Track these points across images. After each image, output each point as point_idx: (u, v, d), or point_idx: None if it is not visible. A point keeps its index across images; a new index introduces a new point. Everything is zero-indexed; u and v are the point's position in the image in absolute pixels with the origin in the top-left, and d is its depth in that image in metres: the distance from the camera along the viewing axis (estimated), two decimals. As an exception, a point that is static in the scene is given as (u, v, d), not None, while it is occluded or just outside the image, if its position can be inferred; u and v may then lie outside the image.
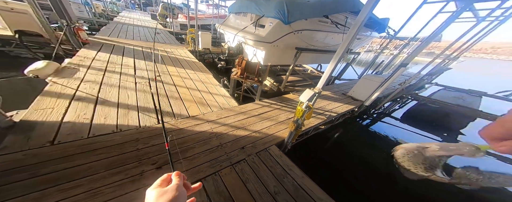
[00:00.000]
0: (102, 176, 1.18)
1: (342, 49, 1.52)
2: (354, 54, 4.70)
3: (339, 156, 3.23)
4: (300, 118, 1.68)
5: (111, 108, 1.85)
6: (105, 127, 1.61)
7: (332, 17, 3.50)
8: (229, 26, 4.77)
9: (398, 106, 5.82)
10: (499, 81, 15.92)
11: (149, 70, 2.98)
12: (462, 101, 4.72)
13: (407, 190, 2.37)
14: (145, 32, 6.70)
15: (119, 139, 1.51)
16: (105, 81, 2.32)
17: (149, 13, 15.82)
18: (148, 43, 5.04)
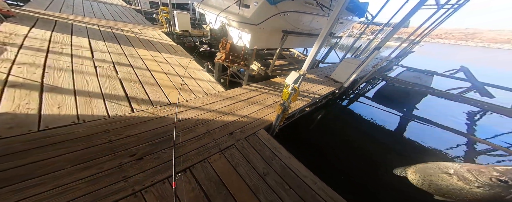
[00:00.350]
0: (69, 171, 1.00)
1: (325, 31, 1.52)
2: (337, 38, 4.86)
3: (322, 136, 3.55)
4: (286, 101, 1.69)
5: (66, 96, 1.52)
6: (61, 118, 1.32)
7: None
8: (209, 5, 4.22)
9: (371, 86, 6.48)
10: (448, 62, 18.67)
11: (113, 53, 2.49)
12: (419, 79, 5.55)
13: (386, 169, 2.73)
14: (102, 9, 5.41)
15: (84, 131, 1.28)
16: (50, 64, 1.84)
17: None
18: (107, 21, 4.13)
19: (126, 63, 2.32)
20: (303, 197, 1.20)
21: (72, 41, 2.47)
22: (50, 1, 4.57)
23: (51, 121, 1.27)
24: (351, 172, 2.54)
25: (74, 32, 2.85)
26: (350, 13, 4.55)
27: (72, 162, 1.06)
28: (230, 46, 2.53)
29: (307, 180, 1.34)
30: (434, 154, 3.33)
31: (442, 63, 17.27)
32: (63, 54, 2.08)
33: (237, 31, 3.66)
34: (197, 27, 6.28)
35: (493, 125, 4.94)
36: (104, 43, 2.72)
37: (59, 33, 2.61)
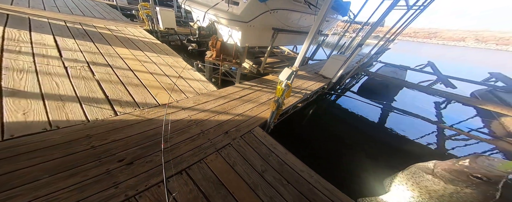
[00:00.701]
0: (47, 182, 0.89)
1: (314, 29, 1.61)
2: (324, 36, 5.13)
3: (313, 130, 3.74)
4: (280, 97, 1.74)
5: (32, 100, 1.33)
6: (29, 125, 1.16)
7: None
8: (196, 2, 4.07)
9: (355, 81, 7.05)
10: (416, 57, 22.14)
11: (86, 52, 2.24)
12: (396, 74, 6.24)
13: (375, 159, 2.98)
14: (67, 2, 4.80)
15: (60, 138, 1.14)
16: (6, 64, 1.58)
17: None
18: (76, 17, 3.69)
19: (104, 63, 2.12)
20: (301, 191, 1.25)
21: (32, 38, 2.15)
22: None
23: (17, 129, 1.11)
24: (341, 163, 2.73)
25: (33, 28, 2.48)
26: (334, 12, 4.84)
27: (51, 171, 0.94)
28: (220, 44, 2.49)
29: (303, 174, 1.40)
30: (410, 142, 3.78)
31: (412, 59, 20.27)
32: (22, 53, 1.80)
33: (227, 29, 3.61)
34: (183, 24, 5.99)
35: (456, 112, 5.80)
36: (74, 41, 2.43)
37: (14, 29, 2.24)
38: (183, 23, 6.12)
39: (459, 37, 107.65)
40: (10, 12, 2.84)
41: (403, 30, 4.77)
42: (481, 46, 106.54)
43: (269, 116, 1.97)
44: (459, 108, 5.97)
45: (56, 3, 4.39)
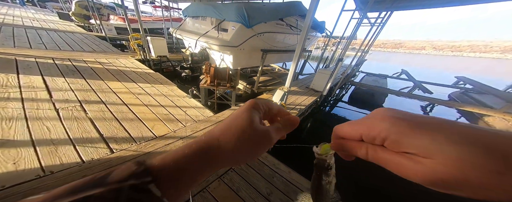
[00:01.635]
0: None
1: (299, 49, 1.93)
2: (308, 52, 5.79)
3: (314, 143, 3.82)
4: None
5: (21, 149, 1.29)
6: (20, 174, 1.13)
7: (286, 20, 4.18)
8: (187, 31, 4.54)
9: (344, 91, 7.68)
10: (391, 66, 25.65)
11: (78, 90, 2.29)
12: (377, 82, 7.01)
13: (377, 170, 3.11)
14: (54, 38, 4.99)
15: (54, 182, 1.12)
16: (-6, 114, 1.57)
17: (53, 11, 11.99)
18: (64, 53, 3.81)
19: (96, 100, 2.16)
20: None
21: (20, 82, 2.18)
22: None
23: (7, 180, 1.07)
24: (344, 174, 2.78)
25: (21, 70, 2.53)
26: (313, 30, 5.64)
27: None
28: (214, 70, 2.71)
29: (312, 193, 1.44)
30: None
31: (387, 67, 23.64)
32: (11, 100, 1.80)
33: (219, 53, 3.96)
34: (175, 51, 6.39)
35: (442, 114, 6.43)
36: (64, 80, 2.48)
37: (1, 74, 2.27)
38: (175, 50, 6.54)
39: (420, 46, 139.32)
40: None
41: (373, 43, 5.64)
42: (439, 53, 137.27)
43: None
44: (443, 110, 6.64)
45: (43, 40, 4.54)
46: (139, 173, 0.15)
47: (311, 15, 1.74)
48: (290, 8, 4.20)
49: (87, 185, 0.13)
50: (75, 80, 2.54)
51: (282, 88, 2.03)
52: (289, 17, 4.24)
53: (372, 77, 8.37)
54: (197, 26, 4.44)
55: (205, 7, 3.98)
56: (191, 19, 4.60)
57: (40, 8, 14.08)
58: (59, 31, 6.07)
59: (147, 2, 14.61)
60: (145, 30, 4.93)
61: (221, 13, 3.58)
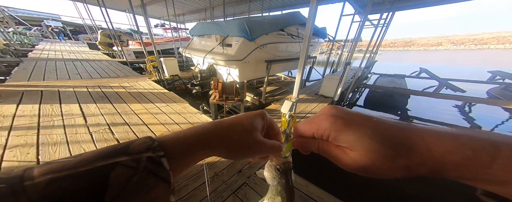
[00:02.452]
0: None
1: (303, 56, 1.95)
2: (313, 58, 5.83)
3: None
4: (287, 128, 1.89)
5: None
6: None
7: (286, 30, 4.36)
8: (195, 49, 4.98)
9: (358, 95, 7.33)
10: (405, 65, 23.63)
11: (106, 114, 2.64)
12: (394, 83, 6.52)
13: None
14: (86, 67, 5.88)
15: None
16: (43, 141, 1.89)
17: (84, 42, 14.09)
18: (95, 80, 4.45)
19: (121, 122, 2.46)
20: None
21: (63, 110, 2.61)
22: (31, 69, 4.86)
23: None
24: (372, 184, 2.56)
25: (62, 99, 3.03)
26: (315, 37, 5.72)
27: None
28: (221, 85, 2.91)
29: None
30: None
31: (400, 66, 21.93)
32: (55, 127, 2.17)
33: (225, 68, 4.23)
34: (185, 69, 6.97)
35: (485, 114, 5.59)
36: (96, 106, 2.90)
37: (47, 105, 2.76)
38: (185, 68, 7.13)
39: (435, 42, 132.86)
40: (43, 88, 3.52)
41: (380, 43, 5.48)
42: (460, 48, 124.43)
43: None
44: (485, 109, 5.81)
45: (78, 70, 5.38)
46: (154, 147, 0.18)
47: (311, 23, 1.80)
48: (289, 18, 4.40)
49: (113, 153, 0.16)
50: (104, 105, 2.94)
51: (290, 98, 2.07)
52: (289, 27, 4.42)
53: (387, 78, 7.88)
54: (204, 44, 4.86)
55: (209, 26, 4.38)
56: (198, 37, 5.03)
57: (74, 41, 16.77)
58: (90, 60, 7.14)
59: (159, 25, 16.54)
60: (158, 51, 5.54)
61: (224, 30, 3.89)
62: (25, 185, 0.12)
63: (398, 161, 0.15)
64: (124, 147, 0.17)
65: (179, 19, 11.36)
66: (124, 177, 0.15)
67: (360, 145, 0.16)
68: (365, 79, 7.51)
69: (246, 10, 8.06)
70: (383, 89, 5.73)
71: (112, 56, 9.27)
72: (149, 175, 0.16)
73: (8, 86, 3.47)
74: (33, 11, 20.82)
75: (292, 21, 4.45)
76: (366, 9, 3.18)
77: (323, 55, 10.36)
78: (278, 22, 4.16)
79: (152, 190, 0.16)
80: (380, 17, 4.19)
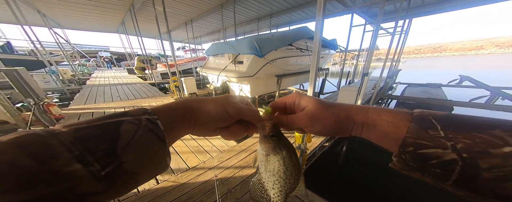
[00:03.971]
0: None
1: (313, 69, 1.99)
2: (325, 70, 5.83)
3: (356, 167, 3.35)
4: (301, 143, 1.89)
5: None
6: None
7: (295, 44, 4.63)
8: (210, 68, 5.63)
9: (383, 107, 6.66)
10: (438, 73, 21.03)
11: (137, 129, 3.15)
12: (429, 94, 5.75)
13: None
14: (124, 90, 7.12)
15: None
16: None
17: (124, 68, 16.93)
18: (131, 101, 5.37)
19: (149, 136, 2.88)
20: None
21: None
22: (87, 95, 6.18)
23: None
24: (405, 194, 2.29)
25: (106, 117, 3.76)
26: (325, 49, 5.83)
27: None
28: (234, 101, 3.17)
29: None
30: None
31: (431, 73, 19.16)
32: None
33: (237, 84, 4.61)
34: (202, 87, 7.78)
35: None
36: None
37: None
38: (202, 86, 7.97)
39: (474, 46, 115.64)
40: (94, 110, 4.45)
41: (402, 51, 5.19)
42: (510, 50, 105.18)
43: None
44: None
45: (119, 93, 6.58)
46: (150, 112, 0.22)
47: (318, 36, 1.87)
48: (297, 33, 4.72)
49: (117, 115, 0.20)
50: (136, 122, 3.51)
51: None
52: (297, 41, 4.70)
53: (418, 87, 6.96)
54: (218, 63, 5.45)
55: (222, 45, 4.93)
56: (213, 57, 5.65)
57: (117, 67, 20.58)
58: (128, 84, 8.66)
59: (180, 48, 19.30)
60: (180, 72, 6.41)
61: (236, 48, 4.31)
62: (57, 131, 0.16)
63: (329, 109, 0.26)
64: (124, 113, 0.21)
65: (196, 41, 13.17)
66: (131, 130, 0.19)
67: (311, 102, 0.27)
68: (390, 90, 6.91)
69: (255, 28, 8.91)
70: (415, 100, 5.12)
71: (144, 79, 10.71)
72: (149, 132, 0.20)
73: (70, 109, 4.50)
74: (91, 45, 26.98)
75: (299, 35, 4.75)
76: (377, 19, 3.23)
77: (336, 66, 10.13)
78: (286, 37, 4.50)
79: (153, 145, 0.20)
80: (396, 25, 4.14)
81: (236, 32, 6.80)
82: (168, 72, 5.91)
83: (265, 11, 6.97)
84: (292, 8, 6.21)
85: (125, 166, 0.18)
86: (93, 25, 10.65)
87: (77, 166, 0.16)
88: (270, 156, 0.29)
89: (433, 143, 0.18)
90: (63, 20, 9.15)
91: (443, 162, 0.18)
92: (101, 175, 0.17)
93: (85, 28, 11.71)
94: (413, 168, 0.21)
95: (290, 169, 0.29)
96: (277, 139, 0.28)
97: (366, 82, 3.46)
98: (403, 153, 0.21)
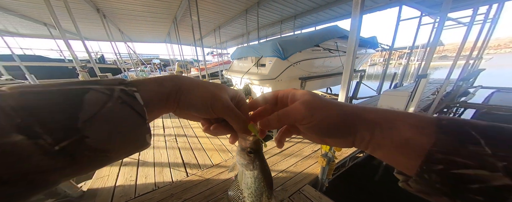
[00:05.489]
0: None
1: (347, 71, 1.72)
2: (360, 71, 5.16)
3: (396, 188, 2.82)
4: (329, 151, 1.78)
5: (149, 168, 2.37)
6: (146, 186, 2.03)
7: (322, 45, 4.36)
8: (234, 71, 6.03)
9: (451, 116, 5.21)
10: None
11: (175, 127, 3.78)
12: None
13: None
14: (165, 91, 8.64)
15: (158, 197, 1.86)
16: (142, 144, 3.04)
17: (168, 71, 20.29)
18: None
19: (183, 134, 3.41)
20: None
21: (154, 124, 4.04)
22: None
23: (141, 189, 1.98)
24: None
25: (153, 114, 4.69)
26: (362, 48, 5.16)
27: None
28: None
29: None
30: None
31: None
32: (148, 134, 3.41)
33: (259, 87, 4.76)
34: (227, 89, 8.51)
35: None
36: (170, 120, 4.22)
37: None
38: (227, 88, 8.68)
39: None
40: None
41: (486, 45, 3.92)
42: None
43: (320, 172, 1.94)
44: None
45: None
46: (127, 83, 0.19)
47: (355, 35, 1.66)
48: (325, 33, 4.43)
49: (84, 82, 0.17)
50: (174, 120, 4.21)
51: None
52: (326, 41, 4.40)
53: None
54: (241, 66, 5.76)
55: (246, 49, 5.17)
56: (237, 60, 6.00)
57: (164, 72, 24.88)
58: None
59: (209, 54, 21.50)
60: (209, 75, 7.14)
61: (258, 52, 4.46)
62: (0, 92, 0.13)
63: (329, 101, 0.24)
64: (94, 81, 0.18)
65: (222, 45, 14.32)
66: (98, 101, 0.16)
67: (308, 93, 0.25)
68: (464, 95, 5.35)
69: (278, 31, 8.88)
70: (508, 110, 3.81)
71: (182, 80, 12.91)
72: (123, 105, 0.17)
73: None
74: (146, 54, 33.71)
75: (328, 36, 4.45)
76: (443, 8, 2.64)
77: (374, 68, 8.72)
78: (312, 38, 4.31)
79: (127, 120, 0.17)
80: (474, 13, 3.20)
81: (259, 35, 7.00)
82: (199, 75, 6.70)
83: (289, 13, 6.88)
84: (318, 7, 5.90)
85: (88, 141, 0.16)
86: (149, 37, 13.59)
87: (18, 137, 0.13)
88: (244, 171, 0.29)
89: (476, 162, 0.14)
90: (132, 35, 12.06)
91: (490, 188, 0.14)
92: (54, 150, 0.14)
93: (145, 40, 15.14)
94: (440, 191, 0.16)
95: (260, 187, 0.29)
96: (254, 157, 0.28)
97: (423, 85, 2.80)
98: (427, 171, 0.16)
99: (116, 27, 9.34)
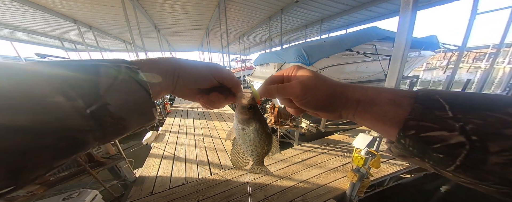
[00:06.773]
0: None
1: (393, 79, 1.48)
2: (412, 78, 4.37)
3: None
4: (362, 167, 1.60)
5: (181, 163, 2.75)
6: (178, 179, 2.37)
7: (356, 48, 3.97)
8: (256, 76, 6.20)
9: None
10: None
11: (203, 128, 4.24)
12: None
13: None
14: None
15: (186, 191, 2.13)
16: (178, 141, 3.56)
17: None
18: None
19: (208, 135, 3.79)
20: None
21: (187, 123, 4.68)
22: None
23: (174, 182, 2.32)
24: None
25: (188, 116, 5.41)
26: (414, 50, 4.41)
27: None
28: (277, 110, 3.35)
29: None
30: None
31: None
32: (182, 133, 3.97)
33: (281, 94, 4.74)
34: (249, 94, 8.90)
35: None
36: (199, 121, 4.77)
37: (183, 118, 5.11)
38: (249, 93, 9.05)
39: None
40: (183, 108, 6.50)
41: None
42: None
43: (349, 188, 1.80)
44: None
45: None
46: (129, 62, 0.21)
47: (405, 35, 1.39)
48: (361, 36, 4.06)
49: (92, 60, 0.19)
50: (203, 121, 4.73)
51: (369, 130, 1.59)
52: (361, 45, 4.01)
53: None
54: (263, 72, 5.85)
55: (268, 55, 5.26)
56: (259, 66, 6.14)
57: None
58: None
59: (233, 60, 23.14)
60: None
61: (281, 57, 4.43)
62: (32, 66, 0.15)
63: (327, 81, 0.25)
64: (100, 60, 0.19)
65: (246, 52, 15.07)
66: (111, 75, 0.18)
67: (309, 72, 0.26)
68: None
69: (302, 35, 8.61)
70: None
71: (209, 86, 14.39)
72: (131, 79, 0.20)
73: (173, 107, 6.90)
74: None
75: (364, 38, 4.05)
76: None
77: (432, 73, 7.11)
78: (343, 42, 4.01)
79: (136, 93, 0.20)
80: None
81: (282, 41, 6.98)
82: (223, 80, 7.29)
83: (314, 17, 6.66)
84: (350, 9, 5.46)
85: (110, 108, 0.18)
86: (187, 47, 15.80)
87: (60, 98, 0.15)
88: (245, 129, 0.32)
89: (439, 125, 0.16)
90: (175, 45, 14.50)
91: (447, 146, 0.16)
92: (86, 112, 0.16)
93: (184, 49, 17.73)
94: (412, 153, 0.19)
95: (263, 138, 0.32)
96: (253, 111, 0.30)
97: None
98: (403, 137, 0.19)
99: (165, 39, 11.40)
